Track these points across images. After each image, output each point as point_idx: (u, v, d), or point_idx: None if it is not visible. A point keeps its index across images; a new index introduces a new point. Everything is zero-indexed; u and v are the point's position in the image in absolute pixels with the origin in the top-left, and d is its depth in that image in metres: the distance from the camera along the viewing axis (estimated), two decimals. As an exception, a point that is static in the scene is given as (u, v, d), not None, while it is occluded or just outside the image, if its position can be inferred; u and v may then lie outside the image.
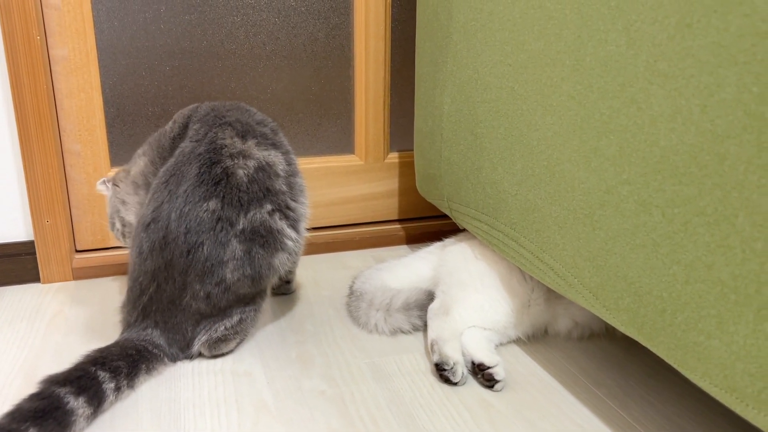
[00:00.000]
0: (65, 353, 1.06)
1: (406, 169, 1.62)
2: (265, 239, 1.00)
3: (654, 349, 0.76)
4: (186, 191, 0.98)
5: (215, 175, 0.99)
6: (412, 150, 1.63)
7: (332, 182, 1.57)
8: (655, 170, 0.71)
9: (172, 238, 0.97)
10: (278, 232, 1.02)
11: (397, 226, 1.63)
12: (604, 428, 0.88)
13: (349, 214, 1.60)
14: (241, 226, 0.98)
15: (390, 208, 1.64)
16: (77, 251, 1.41)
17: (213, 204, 0.97)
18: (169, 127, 1.15)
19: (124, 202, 1.14)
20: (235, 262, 0.98)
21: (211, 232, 0.97)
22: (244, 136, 1.05)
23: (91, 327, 1.15)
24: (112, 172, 1.38)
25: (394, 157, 1.61)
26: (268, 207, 1.02)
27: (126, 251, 1.40)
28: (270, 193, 1.03)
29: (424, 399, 0.95)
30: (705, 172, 0.65)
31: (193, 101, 1.36)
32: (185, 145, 1.03)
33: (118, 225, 1.16)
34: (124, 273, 1.39)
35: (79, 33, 1.29)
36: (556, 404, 0.94)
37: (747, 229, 0.61)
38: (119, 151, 1.40)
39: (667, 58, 0.68)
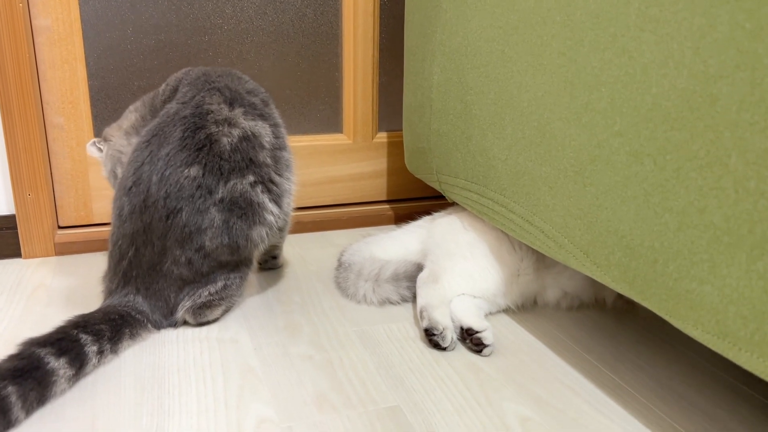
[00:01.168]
0: (46, 323, 1.03)
1: (395, 149, 1.61)
2: (244, 211, 0.99)
3: (645, 303, 0.75)
4: (168, 154, 0.96)
5: (198, 141, 0.97)
6: (401, 130, 1.62)
7: (320, 161, 1.55)
8: (647, 119, 0.71)
9: (152, 201, 0.95)
10: (259, 205, 1.01)
11: (386, 206, 1.62)
12: (595, 390, 0.88)
13: (337, 193, 1.59)
14: (220, 195, 0.96)
15: (378, 188, 1.63)
16: (60, 227, 1.39)
17: (194, 170, 0.96)
18: (162, 89, 1.13)
19: (122, 152, 1.12)
20: (213, 230, 0.96)
21: (190, 199, 0.95)
22: (231, 104, 1.03)
23: (73, 299, 1.13)
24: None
25: (382, 136, 1.60)
26: (251, 178, 1.00)
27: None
28: (253, 164, 1.01)
29: (413, 363, 0.93)
30: (697, 115, 0.64)
31: (179, 75, 1.34)
32: (170, 106, 1.02)
33: (120, 175, 1.14)
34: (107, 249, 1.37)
35: (63, 3, 1.27)
36: (547, 369, 0.93)
37: (740, 168, 0.60)
38: (103, 125, 1.37)
39: (659, 3, 0.67)
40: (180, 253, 0.96)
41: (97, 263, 1.30)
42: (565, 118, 0.84)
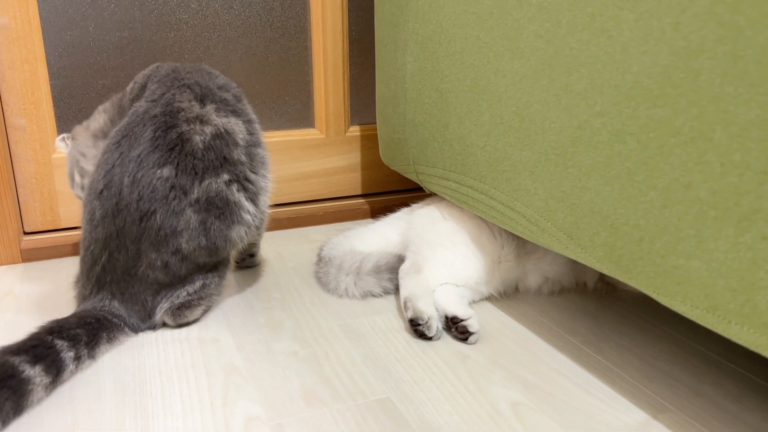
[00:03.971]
0: (17, 331, 0.99)
1: (368, 142, 1.60)
2: (221, 211, 0.96)
3: (632, 282, 0.76)
4: (140, 156, 0.93)
5: (170, 141, 0.94)
6: (374, 123, 1.61)
7: (293, 157, 1.53)
8: (628, 97, 0.71)
9: (125, 204, 0.92)
10: (235, 204, 0.98)
11: (361, 200, 1.60)
12: (582, 371, 0.88)
13: (311, 189, 1.57)
14: (195, 195, 0.94)
15: (353, 182, 1.61)
16: (25, 233, 1.34)
17: (167, 171, 0.93)
18: (129, 88, 1.10)
19: (83, 155, 1.09)
20: (190, 232, 0.93)
21: (164, 201, 0.92)
22: (202, 101, 1.01)
23: (44, 305, 1.09)
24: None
25: (355, 130, 1.58)
26: (225, 177, 0.97)
27: (79, 232, 1.33)
28: (227, 162, 0.98)
29: (399, 354, 0.92)
30: (680, 91, 0.64)
31: (145, 72, 1.31)
32: (139, 105, 0.98)
33: (77, 178, 1.10)
34: (77, 254, 1.33)
35: (20, 0, 1.22)
36: (533, 353, 0.93)
37: (724, 142, 0.61)
38: (67, 125, 1.33)
39: (637, -19, 0.68)
40: (156, 257, 0.93)
41: (67, 268, 1.26)
42: (544, 101, 0.84)
